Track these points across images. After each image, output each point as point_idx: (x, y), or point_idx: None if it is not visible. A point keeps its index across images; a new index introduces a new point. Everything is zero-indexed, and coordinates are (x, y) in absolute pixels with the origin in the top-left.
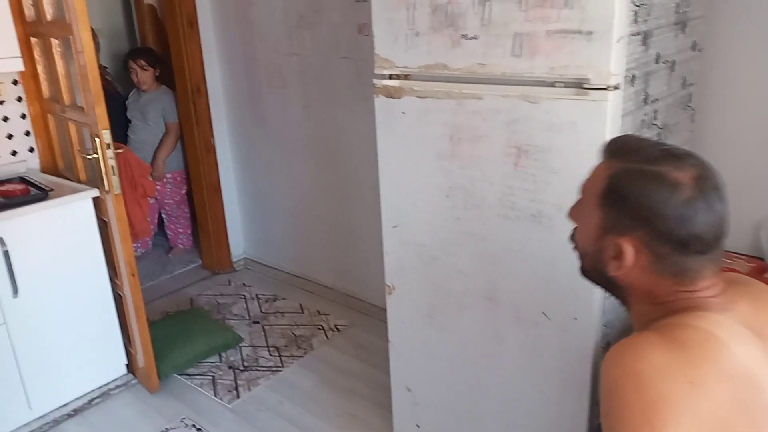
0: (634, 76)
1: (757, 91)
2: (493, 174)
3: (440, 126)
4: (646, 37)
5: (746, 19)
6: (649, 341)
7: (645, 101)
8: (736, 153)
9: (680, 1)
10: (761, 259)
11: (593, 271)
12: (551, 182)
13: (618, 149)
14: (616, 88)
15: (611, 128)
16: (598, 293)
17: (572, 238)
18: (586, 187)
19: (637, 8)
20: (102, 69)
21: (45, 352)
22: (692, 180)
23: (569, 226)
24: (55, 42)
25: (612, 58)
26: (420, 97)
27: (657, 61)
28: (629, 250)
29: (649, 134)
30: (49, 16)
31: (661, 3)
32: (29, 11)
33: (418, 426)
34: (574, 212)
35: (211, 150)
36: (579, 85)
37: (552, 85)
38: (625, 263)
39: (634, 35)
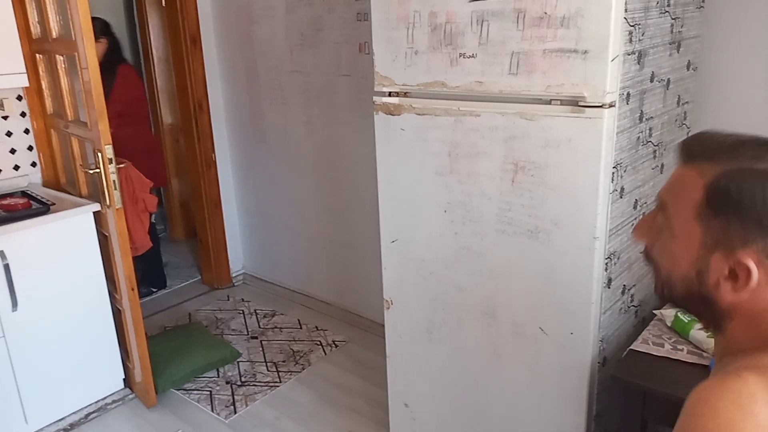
0: (629, 94)
1: (751, 110)
2: (490, 190)
3: (439, 142)
4: (641, 56)
5: (740, 38)
6: (751, 394)
7: (640, 119)
8: None
9: (674, 21)
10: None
11: (690, 296)
12: (548, 198)
13: (705, 149)
14: (611, 105)
15: (606, 145)
16: (594, 308)
17: (650, 259)
18: (670, 199)
19: (632, 28)
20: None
21: (43, 366)
22: None
23: (566, 241)
24: (60, 58)
25: (607, 76)
26: (419, 114)
27: (652, 80)
28: (753, 267)
29: (644, 152)
30: (54, 34)
31: (656, 23)
32: (35, 29)
33: None
34: (652, 230)
35: (212, 165)
36: (575, 103)
37: (548, 102)
38: (750, 283)
39: (629, 54)
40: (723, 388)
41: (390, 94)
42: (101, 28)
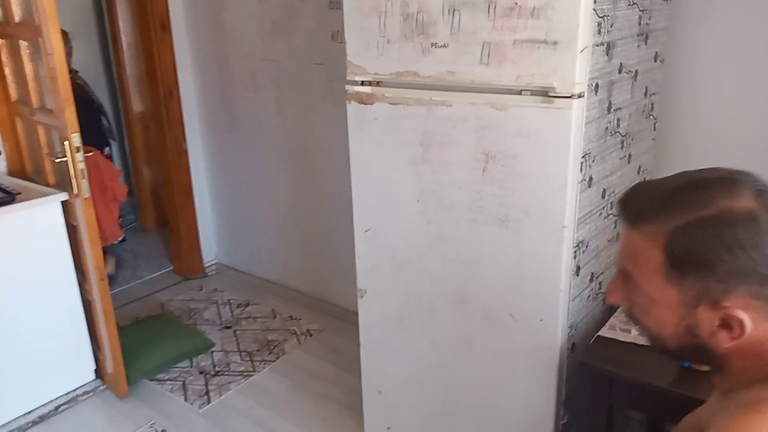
0: (597, 85)
1: (717, 101)
2: (462, 179)
3: (411, 132)
4: (609, 48)
5: (707, 31)
6: None
7: (608, 109)
8: (698, 161)
9: (643, 13)
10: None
11: (685, 349)
12: (518, 187)
13: (643, 210)
14: (580, 96)
15: (575, 135)
16: (563, 295)
17: (634, 320)
18: (633, 268)
19: (601, 20)
20: (73, 73)
21: (10, 358)
22: (756, 200)
23: (536, 229)
24: (23, 44)
25: (576, 67)
26: (391, 104)
27: (620, 71)
28: (744, 316)
29: (612, 142)
30: (17, 18)
31: (624, 15)
32: None
33: (389, 428)
34: (625, 295)
35: (183, 154)
36: (545, 93)
37: (519, 93)
38: (745, 330)
39: (597, 45)
40: (748, 425)
41: (362, 83)
42: None
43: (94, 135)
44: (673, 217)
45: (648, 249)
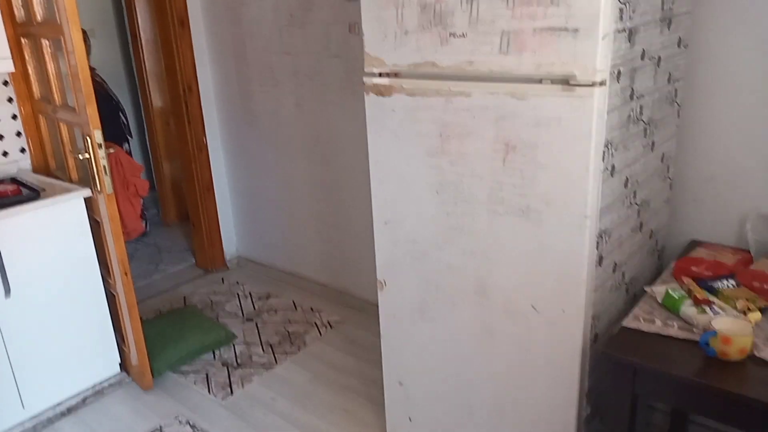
0: (619, 72)
1: (742, 86)
2: (482, 170)
3: (430, 123)
4: (631, 34)
5: (731, 14)
6: None
7: (631, 97)
8: (722, 147)
9: None
10: (747, 251)
11: None
12: (539, 177)
13: None
14: (602, 84)
15: (597, 124)
16: (585, 286)
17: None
18: None
19: (623, 5)
20: (91, 71)
21: (38, 352)
22: None
23: (557, 219)
24: (45, 43)
25: (598, 54)
26: (409, 95)
27: (643, 57)
28: None
29: (635, 130)
30: (39, 17)
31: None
32: (19, 12)
33: (410, 420)
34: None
35: (203, 149)
36: (565, 82)
37: (539, 81)
38: None
39: (619, 32)
40: None
41: (380, 75)
42: None
43: (112, 132)
44: None
45: None
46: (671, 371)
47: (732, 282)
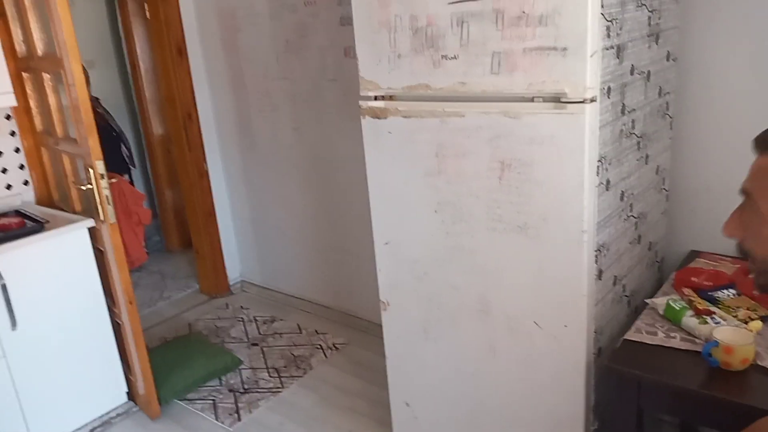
0: (609, 88)
1: (733, 96)
2: (479, 188)
3: (426, 144)
4: (620, 50)
5: (718, 27)
6: None
7: (622, 112)
8: (717, 157)
9: (652, 13)
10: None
11: None
12: (535, 194)
13: None
14: (592, 100)
15: (590, 140)
16: (586, 300)
17: (744, 251)
18: (754, 187)
19: (609, 23)
20: (94, 100)
21: (45, 383)
22: None
23: (555, 235)
24: (46, 76)
25: (587, 72)
26: (405, 117)
27: (632, 73)
28: None
29: (628, 144)
30: (40, 52)
31: (634, 16)
32: (20, 47)
33: None
34: (741, 222)
35: (204, 175)
36: (557, 100)
37: (531, 100)
38: None
39: (607, 49)
40: None
41: (376, 98)
42: None
43: (114, 163)
44: None
45: None
46: (675, 383)
47: (732, 291)
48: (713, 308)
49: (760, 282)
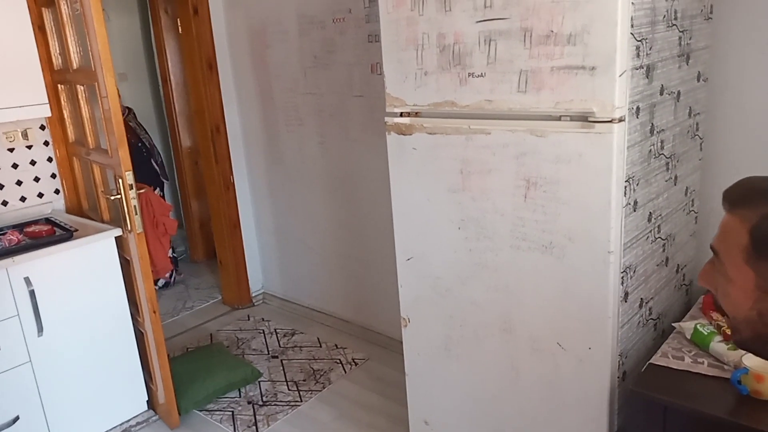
0: (638, 108)
1: (765, 118)
2: (503, 206)
3: (450, 160)
4: (649, 70)
5: (750, 47)
6: None
7: (651, 132)
8: None
9: (683, 33)
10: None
11: (758, 338)
12: (561, 213)
13: (744, 197)
14: (621, 120)
15: (618, 159)
16: (611, 322)
17: (717, 306)
18: (721, 247)
19: (639, 43)
20: (130, 112)
21: (68, 390)
22: None
23: (581, 255)
24: (80, 88)
25: (616, 91)
26: (430, 134)
27: (662, 93)
28: None
29: (656, 164)
30: (75, 65)
31: (664, 36)
32: (57, 60)
33: None
34: (711, 277)
35: (230, 187)
36: (584, 119)
37: (558, 119)
38: None
39: (637, 69)
40: None
41: (401, 115)
42: None
43: (146, 176)
44: (766, 205)
45: (737, 229)
46: (702, 410)
47: None
48: None
49: (735, 338)
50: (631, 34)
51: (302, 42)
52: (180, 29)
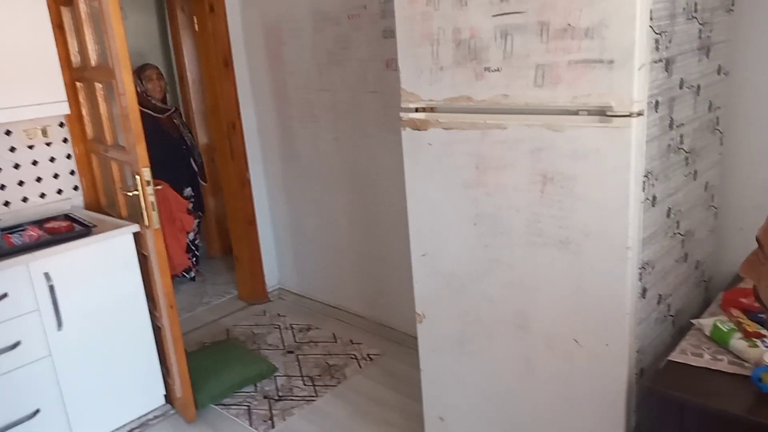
0: (657, 102)
1: None
2: (519, 201)
3: (465, 156)
4: (668, 64)
5: None
6: None
7: (670, 126)
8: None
9: (702, 26)
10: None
11: None
12: (577, 209)
13: None
14: (639, 114)
15: (636, 154)
16: (629, 319)
17: (758, 299)
18: (766, 240)
19: (658, 36)
20: (173, 112)
21: (87, 383)
22: None
23: (598, 251)
24: (98, 86)
25: (634, 85)
26: (445, 129)
27: (681, 87)
28: None
29: (675, 159)
30: (93, 63)
31: (683, 29)
32: (75, 58)
33: None
34: (754, 269)
35: (246, 184)
36: (602, 113)
37: (575, 113)
38: None
39: (656, 62)
40: None
41: (416, 110)
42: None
43: (184, 175)
44: None
45: None
46: (721, 408)
47: None
48: (764, 331)
49: None
50: (650, 27)
51: (316, 38)
52: (196, 26)
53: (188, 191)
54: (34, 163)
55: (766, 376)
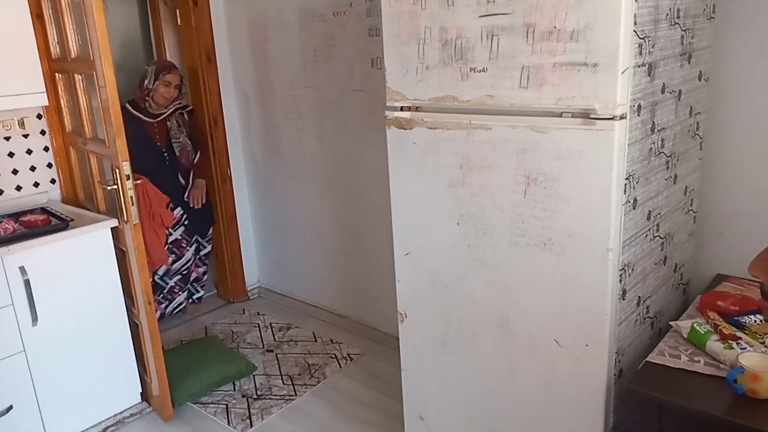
0: (640, 106)
1: (765, 119)
2: (503, 202)
3: (450, 156)
4: (651, 68)
5: (752, 48)
6: None
7: (652, 130)
8: (747, 180)
9: (685, 32)
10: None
11: None
12: (561, 210)
13: None
14: (622, 117)
15: (618, 157)
16: (609, 320)
17: (764, 296)
18: None
19: (642, 40)
20: (189, 112)
21: (62, 380)
22: None
23: (580, 252)
24: (78, 77)
25: (618, 89)
26: (430, 128)
27: (663, 91)
28: None
29: (656, 163)
30: (73, 54)
31: (666, 35)
32: (55, 49)
33: None
34: (763, 268)
35: (227, 180)
36: (586, 115)
37: (559, 115)
38: None
39: (639, 66)
40: None
41: (402, 109)
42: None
43: (166, 191)
44: None
45: None
46: (698, 408)
47: (759, 317)
48: (739, 333)
49: None
50: (634, 31)
51: (303, 35)
52: (179, 20)
53: (177, 211)
54: (11, 154)
55: (741, 378)
